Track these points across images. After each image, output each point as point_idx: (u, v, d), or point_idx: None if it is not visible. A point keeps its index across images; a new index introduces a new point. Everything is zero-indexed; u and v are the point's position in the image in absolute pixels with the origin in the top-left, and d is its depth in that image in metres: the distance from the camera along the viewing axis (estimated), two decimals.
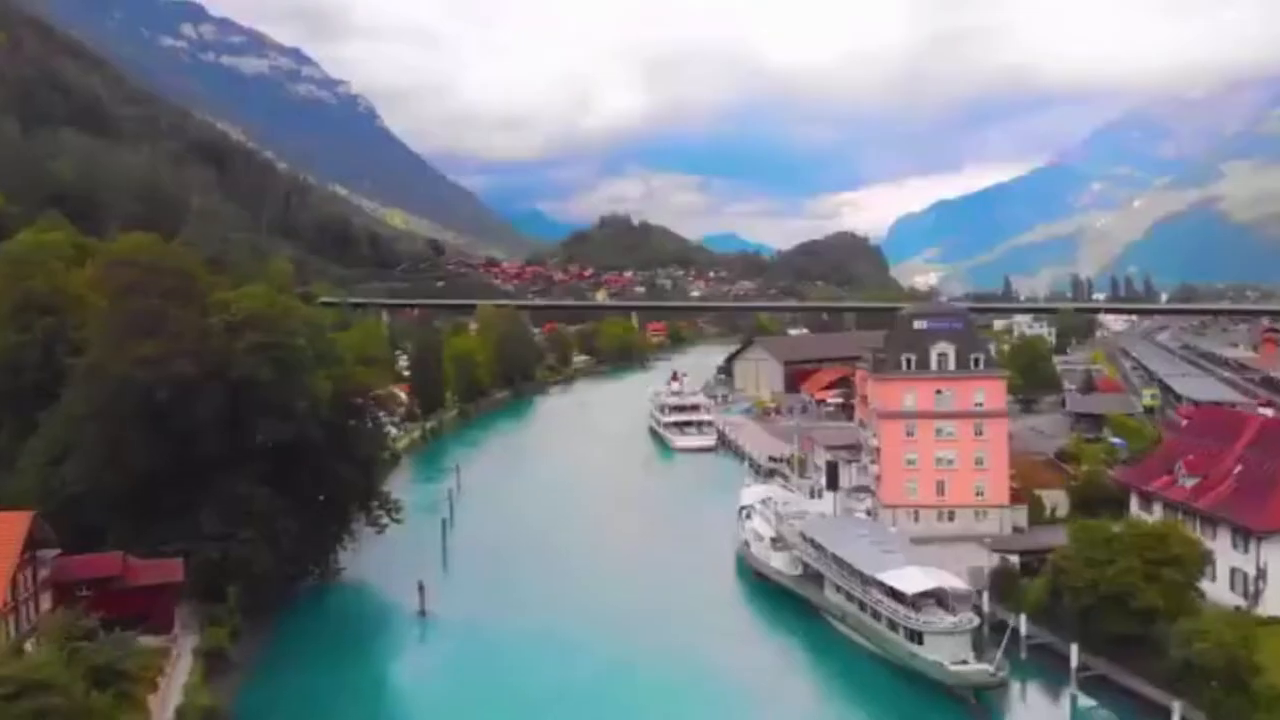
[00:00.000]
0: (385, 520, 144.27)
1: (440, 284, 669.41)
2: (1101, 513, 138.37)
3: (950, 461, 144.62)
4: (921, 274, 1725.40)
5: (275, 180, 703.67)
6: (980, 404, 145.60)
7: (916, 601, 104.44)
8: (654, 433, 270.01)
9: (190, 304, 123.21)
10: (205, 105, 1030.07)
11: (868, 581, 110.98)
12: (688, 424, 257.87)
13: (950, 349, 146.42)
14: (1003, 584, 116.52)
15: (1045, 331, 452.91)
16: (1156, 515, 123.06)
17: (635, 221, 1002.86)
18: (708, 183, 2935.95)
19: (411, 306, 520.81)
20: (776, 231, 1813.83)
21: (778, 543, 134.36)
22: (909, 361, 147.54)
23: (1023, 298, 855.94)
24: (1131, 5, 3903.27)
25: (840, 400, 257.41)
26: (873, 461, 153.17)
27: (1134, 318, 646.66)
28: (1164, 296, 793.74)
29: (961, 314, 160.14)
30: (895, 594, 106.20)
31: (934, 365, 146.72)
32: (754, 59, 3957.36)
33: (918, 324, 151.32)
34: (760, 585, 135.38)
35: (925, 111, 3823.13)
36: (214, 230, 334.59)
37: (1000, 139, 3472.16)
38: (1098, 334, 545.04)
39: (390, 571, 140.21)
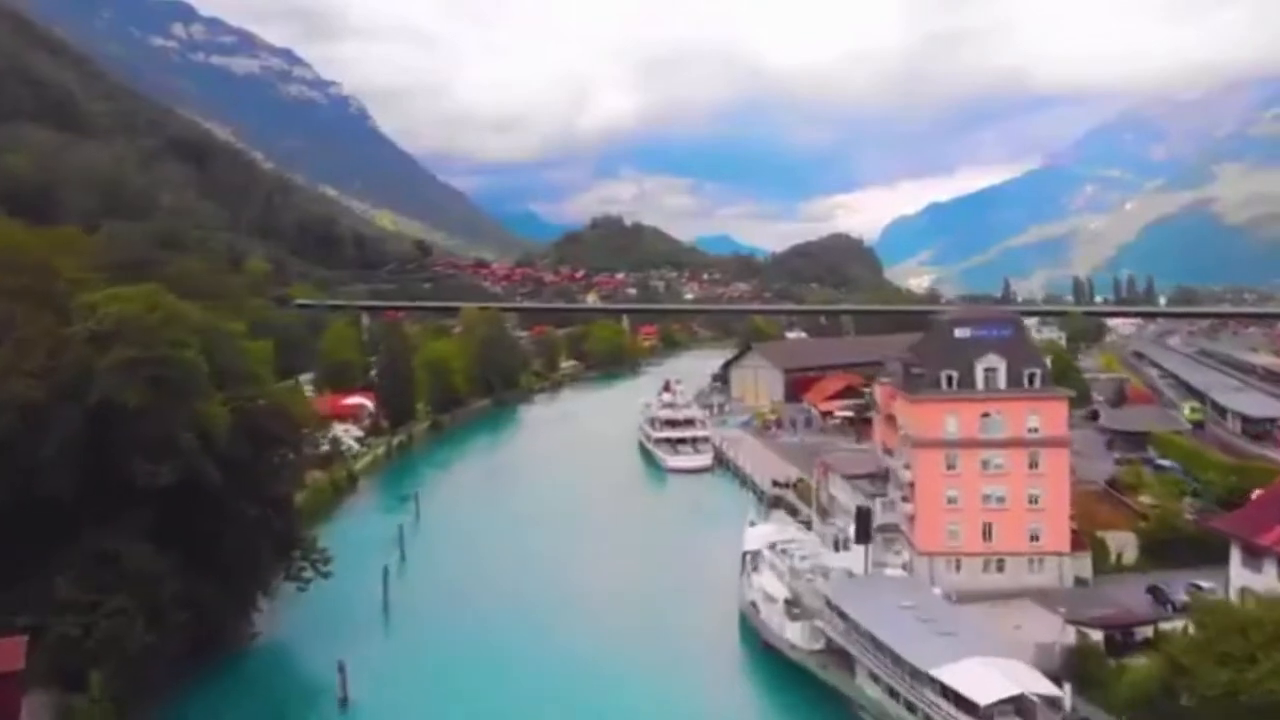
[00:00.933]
0: (309, 574, 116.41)
1: (427, 285, 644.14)
2: (1178, 560, 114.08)
3: (1000, 499, 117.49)
4: (915, 276, 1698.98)
5: (258, 179, 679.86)
6: (1036, 430, 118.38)
7: (990, 713, 77.08)
8: (644, 449, 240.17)
9: (45, 307, 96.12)
10: (195, 105, 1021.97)
11: (918, 677, 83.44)
12: (681, 441, 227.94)
13: (1000, 363, 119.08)
14: (1085, 669, 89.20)
15: (1055, 336, 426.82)
16: (1268, 576, 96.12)
17: (628, 222, 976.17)
18: (700, 185, 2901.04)
19: (393, 309, 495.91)
20: (769, 234, 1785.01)
21: (794, 608, 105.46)
22: (950, 379, 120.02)
23: (1019, 300, 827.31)
24: (1124, 8, 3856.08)
25: (850, 414, 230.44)
26: (904, 498, 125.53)
27: (1139, 320, 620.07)
28: (1162, 300, 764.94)
29: (1012, 321, 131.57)
30: (960, 700, 78.70)
31: (980, 383, 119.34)
32: (747, 60, 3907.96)
33: (960, 332, 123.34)
34: (769, 659, 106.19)
35: (918, 113, 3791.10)
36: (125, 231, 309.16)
37: (993, 141, 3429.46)
38: (1106, 338, 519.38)
39: (316, 637, 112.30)
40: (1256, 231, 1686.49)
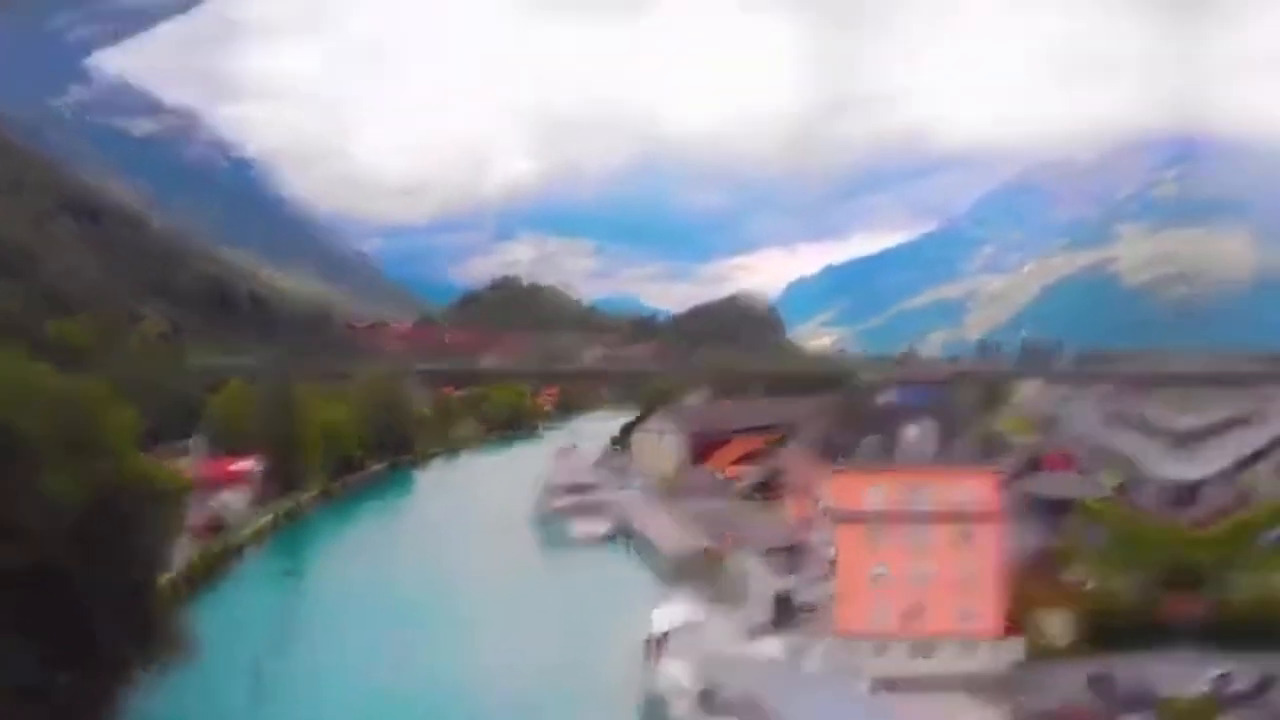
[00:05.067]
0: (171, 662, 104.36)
1: (325, 348, 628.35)
2: (1120, 644, 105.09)
3: (928, 578, 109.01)
4: (816, 338, 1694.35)
5: (152, 240, 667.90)
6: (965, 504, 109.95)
7: None
8: (541, 519, 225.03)
9: None
10: (93, 166, 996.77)
11: None
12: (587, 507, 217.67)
13: (930, 428, 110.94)
14: None
15: None
16: None
17: (525, 283, 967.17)
18: (603, 247, 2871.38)
19: (288, 371, 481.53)
20: (672, 295, 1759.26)
21: (708, 700, 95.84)
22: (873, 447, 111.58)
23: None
24: (1022, 73, 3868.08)
25: (761, 479, 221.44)
26: (828, 576, 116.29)
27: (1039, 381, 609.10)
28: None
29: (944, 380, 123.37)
30: None
31: (907, 453, 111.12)
32: (645, 122, 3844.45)
33: (884, 398, 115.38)
34: None
35: (815, 176, 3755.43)
36: None
37: (889, 204, 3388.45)
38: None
39: None
40: (1160, 293, 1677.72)
